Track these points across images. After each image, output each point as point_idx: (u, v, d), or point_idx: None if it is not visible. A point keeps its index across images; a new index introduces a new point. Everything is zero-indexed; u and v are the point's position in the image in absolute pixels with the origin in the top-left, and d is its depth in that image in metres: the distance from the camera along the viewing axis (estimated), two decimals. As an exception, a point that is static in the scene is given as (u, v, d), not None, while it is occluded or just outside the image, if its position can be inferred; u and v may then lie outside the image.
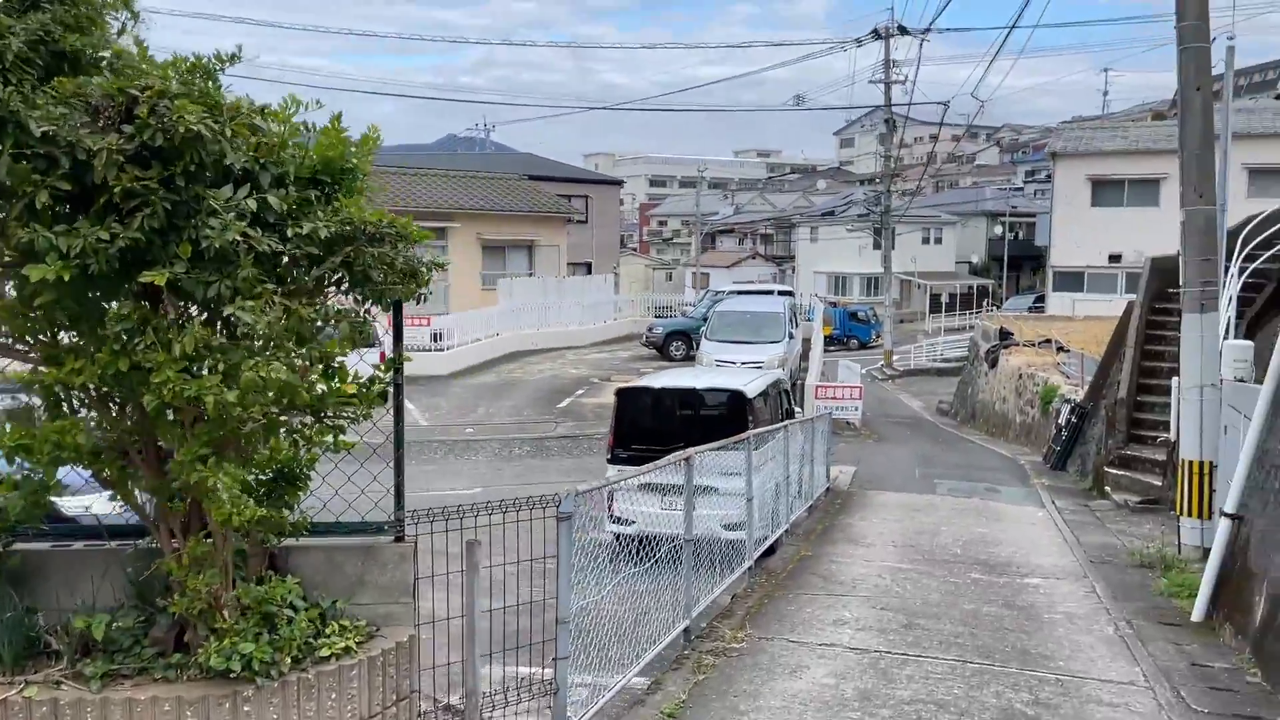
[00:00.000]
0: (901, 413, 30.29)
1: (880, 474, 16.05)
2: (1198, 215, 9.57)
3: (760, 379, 11.96)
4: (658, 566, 7.03)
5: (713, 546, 8.43)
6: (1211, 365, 9.64)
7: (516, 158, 45.78)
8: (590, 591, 4.92)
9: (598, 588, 5.02)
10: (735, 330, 22.24)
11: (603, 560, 5.19)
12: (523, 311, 30.32)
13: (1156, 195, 33.22)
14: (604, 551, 8.38)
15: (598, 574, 5.06)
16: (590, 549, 5.08)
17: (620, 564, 5.68)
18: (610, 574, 5.29)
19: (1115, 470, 13.87)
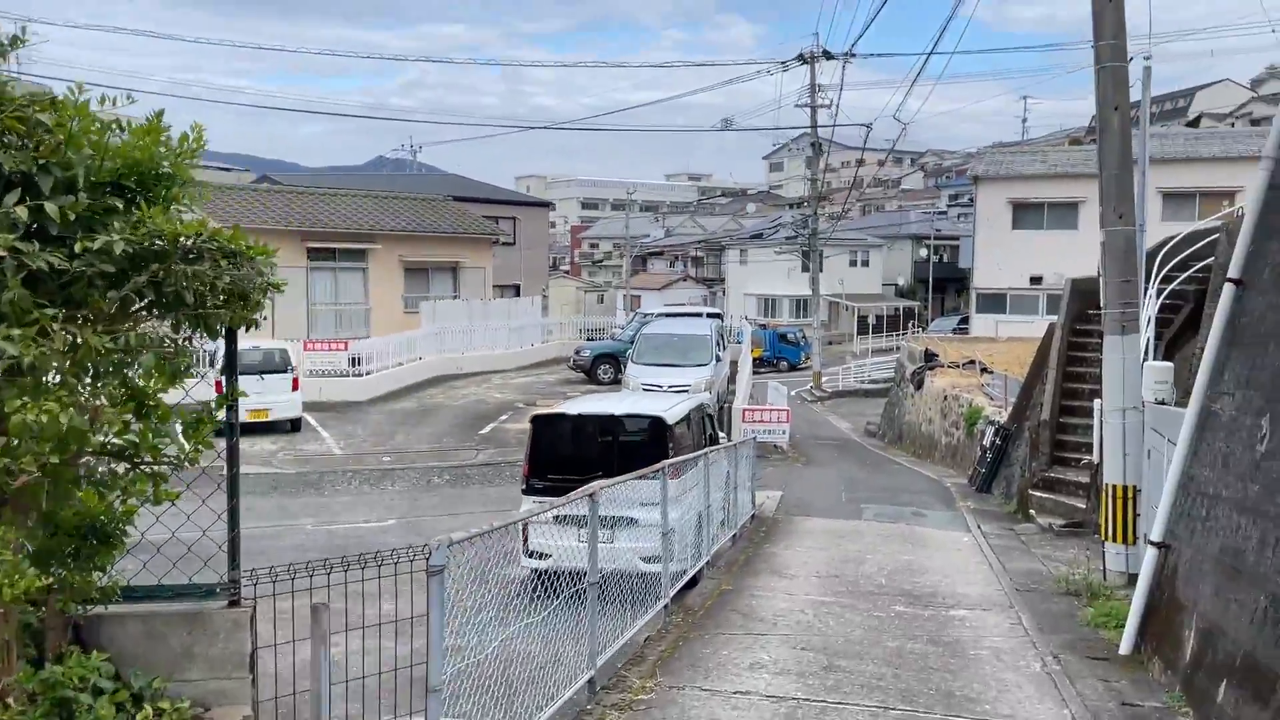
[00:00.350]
0: (830, 434, 30.23)
1: (807, 499, 15.77)
2: (1118, 236, 9.47)
3: (682, 404, 11.57)
4: (573, 604, 6.56)
5: (628, 583, 7.96)
6: (1134, 388, 9.52)
7: (443, 179, 45.06)
8: (471, 650, 4.41)
9: (480, 644, 4.51)
10: (662, 353, 21.90)
11: (488, 616, 4.67)
12: (446, 335, 29.62)
13: (1075, 218, 33.88)
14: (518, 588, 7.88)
15: (479, 631, 4.55)
16: (477, 600, 4.58)
17: (514, 614, 5.17)
18: (497, 626, 4.78)
19: (1039, 493, 13.77)
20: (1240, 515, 5.70)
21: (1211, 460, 6.46)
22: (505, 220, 42.83)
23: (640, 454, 10.17)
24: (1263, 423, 5.68)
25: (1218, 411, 6.57)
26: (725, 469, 12.37)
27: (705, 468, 11.05)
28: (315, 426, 21.57)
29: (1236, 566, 5.56)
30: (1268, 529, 5.25)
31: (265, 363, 20.70)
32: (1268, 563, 5.14)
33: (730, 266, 69.61)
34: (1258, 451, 5.66)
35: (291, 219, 28.39)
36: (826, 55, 39.63)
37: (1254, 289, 6.47)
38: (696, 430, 12.22)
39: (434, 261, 31.38)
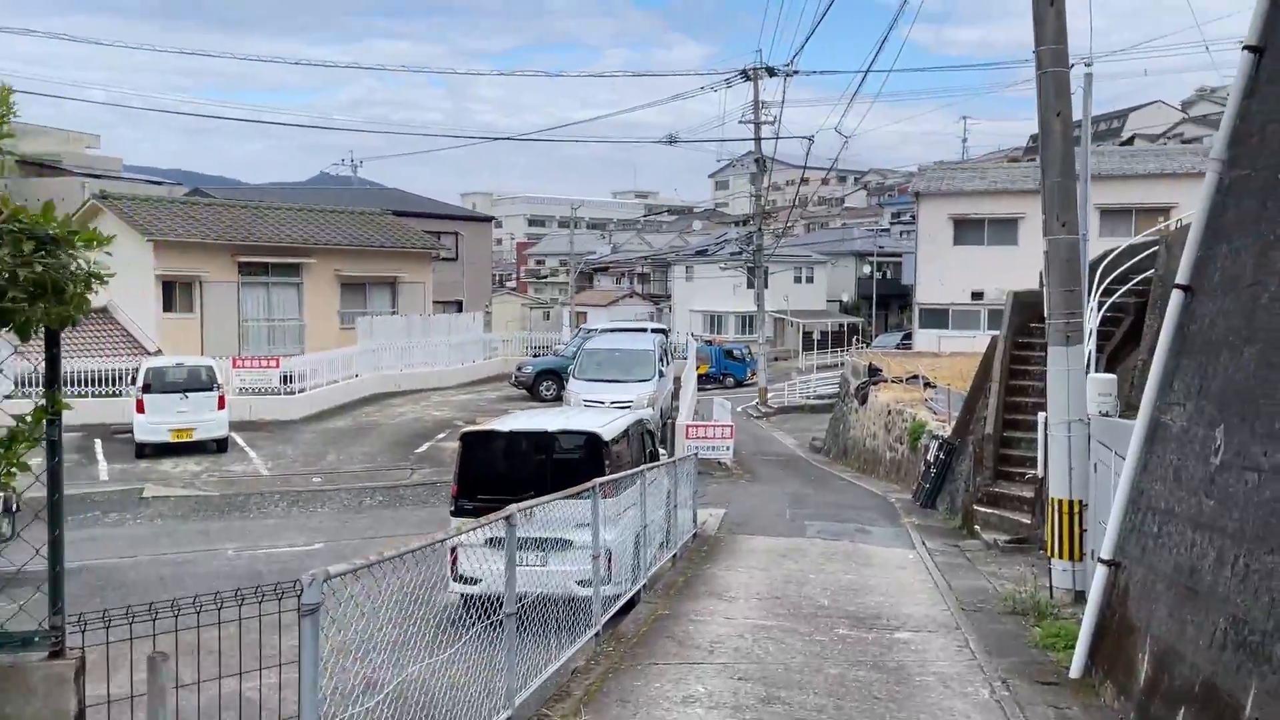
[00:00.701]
0: (776, 450, 30.00)
1: (751, 516, 15.41)
2: (1060, 245, 9.26)
3: (620, 420, 11.14)
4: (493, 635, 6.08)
5: (558, 609, 7.51)
6: (1079, 400, 9.30)
7: (383, 193, 44.27)
8: (358, 698, 3.90)
9: (370, 689, 4.00)
10: (604, 369, 21.48)
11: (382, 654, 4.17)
12: (384, 351, 28.89)
13: (1015, 234, 34.20)
14: (449, 614, 7.36)
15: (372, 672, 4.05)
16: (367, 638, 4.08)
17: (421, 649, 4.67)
18: (393, 666, 4.28)
19: (984, 508, 13.56)
20: (1195, 532, 5.41)
21: (1163, 474, 6.18)
22: (447, 236, 42.16)
23: (576, 472, 9.73)
24: (1216, 434, 5.40)
25: (1168, 423, 6.31)
26: (665, 487, 11.96)
27: (643, 486, 10.62)
28: (243, 446, 20.75)
29: (1192, 586, 5.27)
30: (1225, 546, 4.95)
31: (190, 380, 19.91)
32: (1226, 582, 4.84)
33: (676, 283, 69.54)
34: (1212, 464, 5.38)
35: (222, 232, 27.52)
36: (769, 72, 39.81)
37: (1203, 295, 6.23)
38: (636, 447, 11.81)
39: (372, 276, 30.65)
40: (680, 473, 13.29)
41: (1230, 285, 5.81)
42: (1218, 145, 6.42)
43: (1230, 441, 5.20)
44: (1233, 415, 5.26)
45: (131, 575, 12.78)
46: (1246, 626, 4.53)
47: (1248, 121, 6.17)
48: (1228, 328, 5.67)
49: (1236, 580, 4.75)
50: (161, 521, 16.34)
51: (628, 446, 11.17)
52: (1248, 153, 6.05)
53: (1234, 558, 4.83)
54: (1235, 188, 6.13)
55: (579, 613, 8.23)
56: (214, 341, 26.91)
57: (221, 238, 27.36)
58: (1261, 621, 4.40)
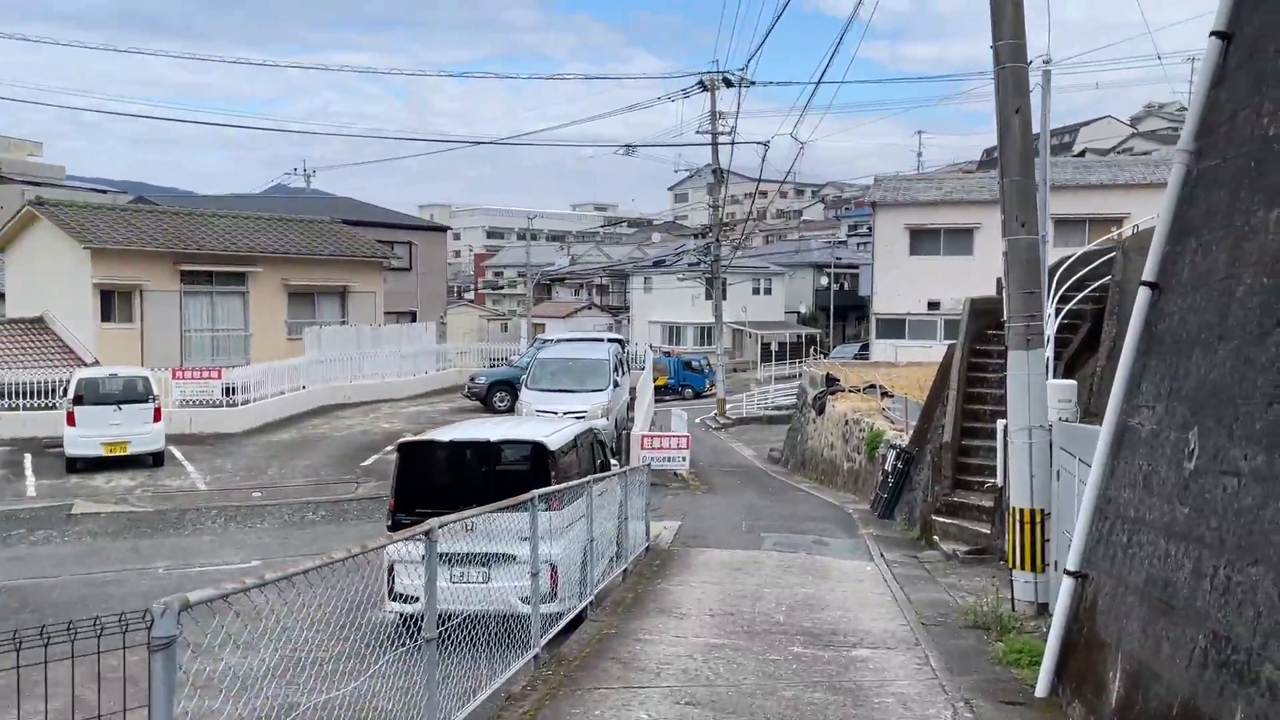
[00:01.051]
0: (733, 461, 29.69)
1: (706, 528, 15.01)
2: (1020, 246, 8.98)
3: (567, 429, 10.68)
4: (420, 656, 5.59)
5: (498, 629, 7.06)
6: (1040, 406, 9.01)
7: (335, 202, 43.49)
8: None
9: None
10: (558, 378, 20.99)
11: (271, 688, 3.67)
12: (333, 362, 28.17)
13: (971, 244, 34.27)
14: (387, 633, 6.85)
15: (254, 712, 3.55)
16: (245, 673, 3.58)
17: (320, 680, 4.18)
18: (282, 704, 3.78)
19: (943, 518, 13.27)
20: (1168, 542, 5.07)
21: (1131, 480, 5.86)
22: (401, 245, 41.48)
23: (520, 483, 9.26)
24: (1189, 437, 5.08)
25: (1136, 427, 5.99)
26: (616, 499, 11.52)
27: (591, 498, 10.18)
28: (181, 460, 19.97)
29: (1167, 600, 4.92)
30: (1203, 557, 4.61)
31: (125, 392, 19.12)
32: (1205, 596, 4.50)
33: (635, 294, 69.24)
34: (1185, 470, 5.05)
35: (164, 240, 26.68)
36: (726, 82, 39.73)
37: (1172, 292, 5.93)
38: (585, 457, 11.36)
39: (321, 286, 29.90)
40: (632, 484, 12.85)
41: (1201, 281, 5.51)
42: (1185, 136, 6.14)
43: (1205, 445, 4.87)
44: (1207, 417, 4.94)
45: (54, 595, 12.10)
46: (1230, 644, 4.18)
47: (1216, 111, 5.90)
48: (1200, 325, 5.36)
49: (1217, 594, 4.40)
50: (91, 539, 15.59)
51: (576, 457, 10.71)
52: (1217, 143, 5.76)
53: (1213, 569, 4.49)
54: (1204, 179, 5.84)
55: (521, 632, 7.78)
56: (155, 352, 26.04)
57: (163, 245, 26.52)
58: (1246, 639, 4.06)
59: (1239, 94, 5.59)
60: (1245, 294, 4.83)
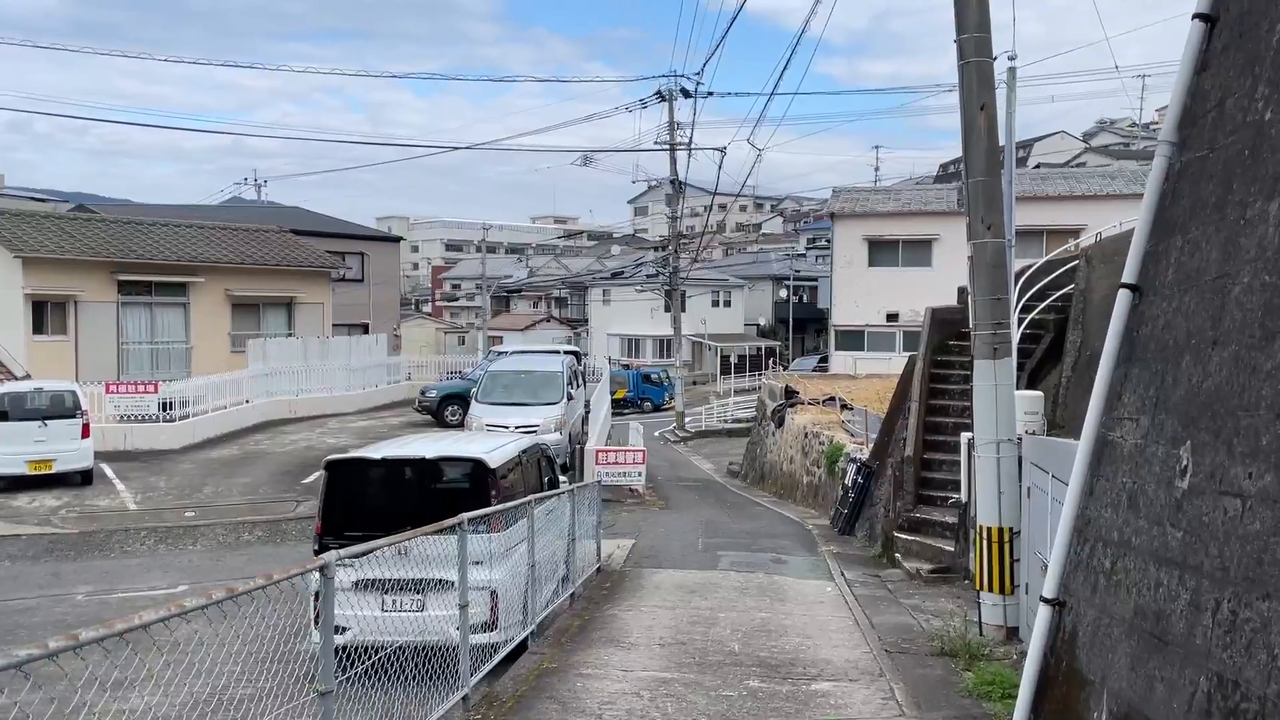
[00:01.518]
0: (692, 475, 29.16)
1: (661, 547, 14.41)
2: (986, 249, 8.52)
3: (510, 445, 10.05)
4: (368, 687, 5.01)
5: (433, 662, 6.45)
6: (1008, 418, 8.54)
7: (284, 212, 42.49)
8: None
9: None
10: (510, 391, 20.32)
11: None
12: (278, 375, 27.25)
13: (929, 256, 34.12)
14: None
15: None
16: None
17: None
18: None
19: (905, 535, 12.79)
20: (1160, 569, 4.57)
21: (1114, 499, 5.36)
22: (353, 256, 40.56)
23: (459, 503, 8.62)
24: (1181, 453, 4.59)
25: (1118, 441, 5.50)
26: (565, 518, 10.91)
27: (532, 518, 9.56)
28: (111, 478, 19.00)
29: (1160, 635, 4.41)
30: (1202, 588, 4.11)
31: (51, 407, 18.16)
32: (1206, 633, 3.99)
33: (593, 306, 68.68)
34: (1177, 489, 4.55)
35: (100, 249, 25.65)
36: (684, 93, 39.42)
37: (1156, 295, 5.46)
38: (531, 474, 10.73)
39: (266, 296, 28.97)
40: (583, 501, 12.24)
41: (1189, 281, 5.04)
42: (1166, 127, 5.68)
43: (1200, 462, 4.38)
44: (1202, 431, 4.44)
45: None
46: (1239, 690, 3.67)
47: (1200, 98, 5.44)
48: (1189, 330, 4.88)
49: (1220, 631, 3.89)
50: (9, 563, 14.65)
51: (521, 475, 10.09)
52: (1203, 132, 5.31)
53: (1215, 603, 3.98)
54: (1190, 172, 5.38)
55: (453, 667, 7.17)
56: (91, 365, 24.99)
57: (100, 254, 25.49)
58: (1259, 685, 3.54)
59: (1228, 78, 5.13)
60: (1243, 294, 4.35)
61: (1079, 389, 12.00)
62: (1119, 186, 32.61)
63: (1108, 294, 13.29)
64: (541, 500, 10.26)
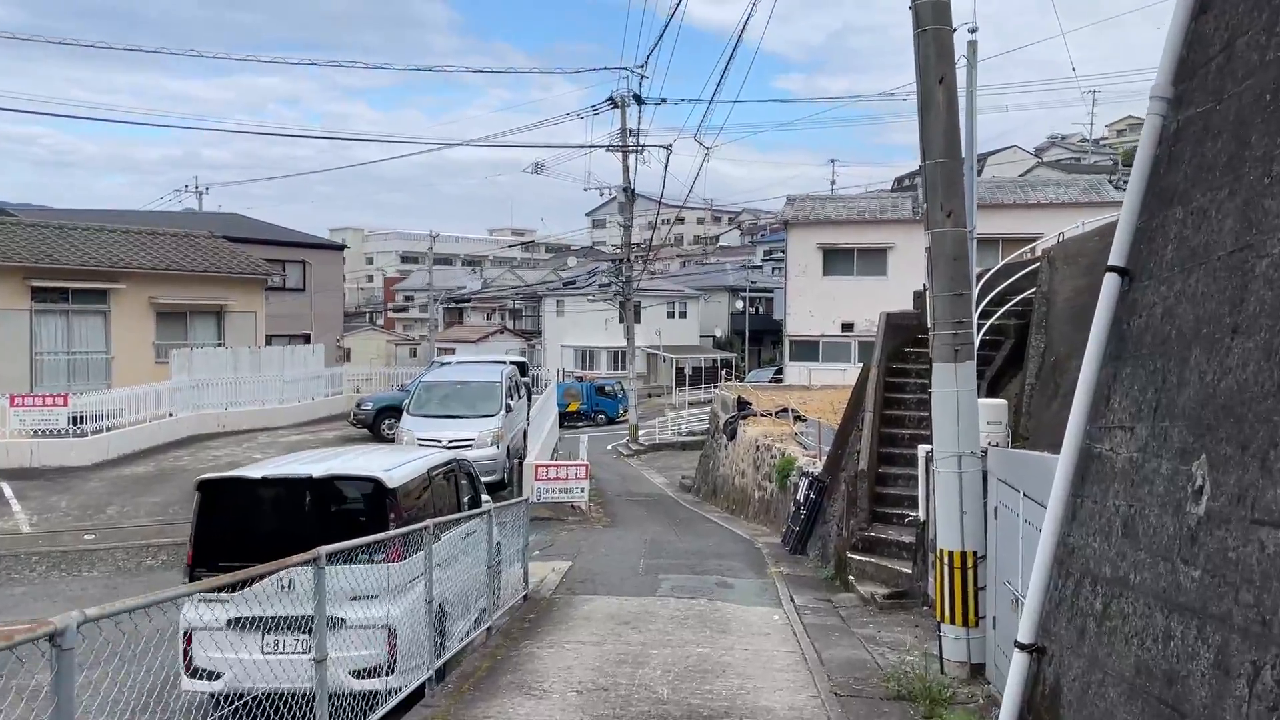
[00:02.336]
0: (643, 490, 28.14)
1: (599, 569, 13.35)
2: (946, 239, 7.62)
3: (418, 461, 8.96)
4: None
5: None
6: (971, 428, 7.63)
7: (219, 218, 40.97)
8: None
9: None
10: (445, 403, 19.16)
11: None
12: (206, 387, 25.78)
13: (885, 265, 33.49)
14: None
15: None
16: None
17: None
18: None
19: (859, 556, 11.85)
20: (1170, 617, 3.63)
21: (1104, 525, 4.43)
22: (293, 264, 39.18)
23: (352, 527, 7.56)
24: (1193, 470, 3.66)
25: (1107, 454, 4.58)
26: (487, 541, 9.83)
27: (448, 542, 8.49)
28: (9, 497, 17.53)
29: (1174, 705, 3.47)
30: (1231, 646, 3.17)
31: (-60, 421, 16.68)
32: (1238, 707, 3.04)
33: (547, 317, 67.56)
34: (1190, 515, 3.62)
35: (12, 253, 24.05)
36: (637, 99, 38.61)
37: (1152, 278, 4.54)
38: (446, 493, 9.65)
39: (194, 305, 27.49)
40: (507, 522, 11.18)
41: (1195, 259, 4.12)
42: (1159, 81, 4.79)
43: (1222, 481, 3.44)
44: (1222, 441, 3.51)
45: None
46: (1296, 794, 2.72)
47: (1201, 44, 4.55)
48: (1198, 317, 3.96)
49: (1263, 707, 2.94)
50: (-121, 594, 13.25)
51: (432, 494, 9.00)
52: (1207, 82, 4.41)
53: (1251, 668, 3.03)
54: (1191, 131, 4.48)
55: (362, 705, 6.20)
56: (1, 378, 23.38)
57: (11, 259, 23.89)
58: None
59: (1236, 16, 4.24)
60: (1273, 268, 3.44)
61: (1044, 397, 11.17)
62: (1074, 195, 32.24)
63: (1072, 296, 12.51)
64: (458, 523, 9.18)
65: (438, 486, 9.38)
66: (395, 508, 7.88)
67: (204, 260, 27.95)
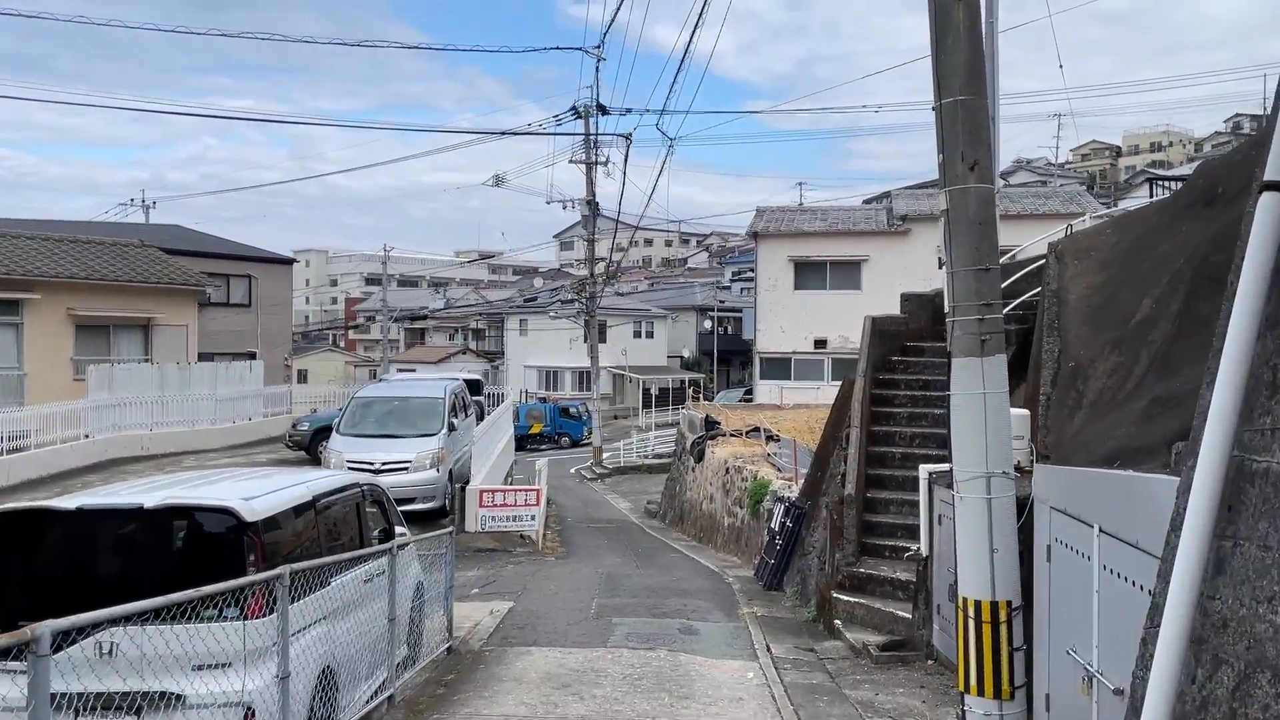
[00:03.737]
0: (605, 516, 26.32)
1: (544, 612, 11.49)
2: (969, 199, 5.94)
3: (299, 487, 7.11)
4: None
5: None
6: (1002, 442, 5.93)
7: (159, 229, 38.84)
8: None
9: None
10: (380, 421, 17.25)
11: None
12: (128, 406, 23.65)
13: (859, 278, 31.99)
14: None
15: None
16: None
17: None
18: None
19: (847, 596, 10.09)
20: None
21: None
22: (238, 278, 37.09)
23: (198, 573, 5.70)
24: None
25: (1275, 469, 2.86)
26: (398, 584, 7.98)
27: (340, 588, 6.69)
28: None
29: None
30: None
31: None
32: None
33: (510, 336, 65.69)
34: None
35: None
36: (601, 110, 37.11)
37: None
38: (345, 525, 7.80)
39: (118, 317, 25.39)
40: (429, 558, 9.34)
41: None
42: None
43: None
44: None
45: None
46: None
47: None
48: None
49: None
50: None
51: (320, 528, 7.15)
52: None
53: None
54: None
55: None
56: (-104, 396, 21.20)
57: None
58: None
59: None
60: None
61: (1064, 408, 9.50)
62: (1055, 206, 30.96)
63: (1087, 294, 10.91)
64: (349, 564, 7.33)
65: (333, 517, 7.54)
66: (257, 547, 6.03)
67: (130, 270, 25.88)
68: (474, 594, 12.68)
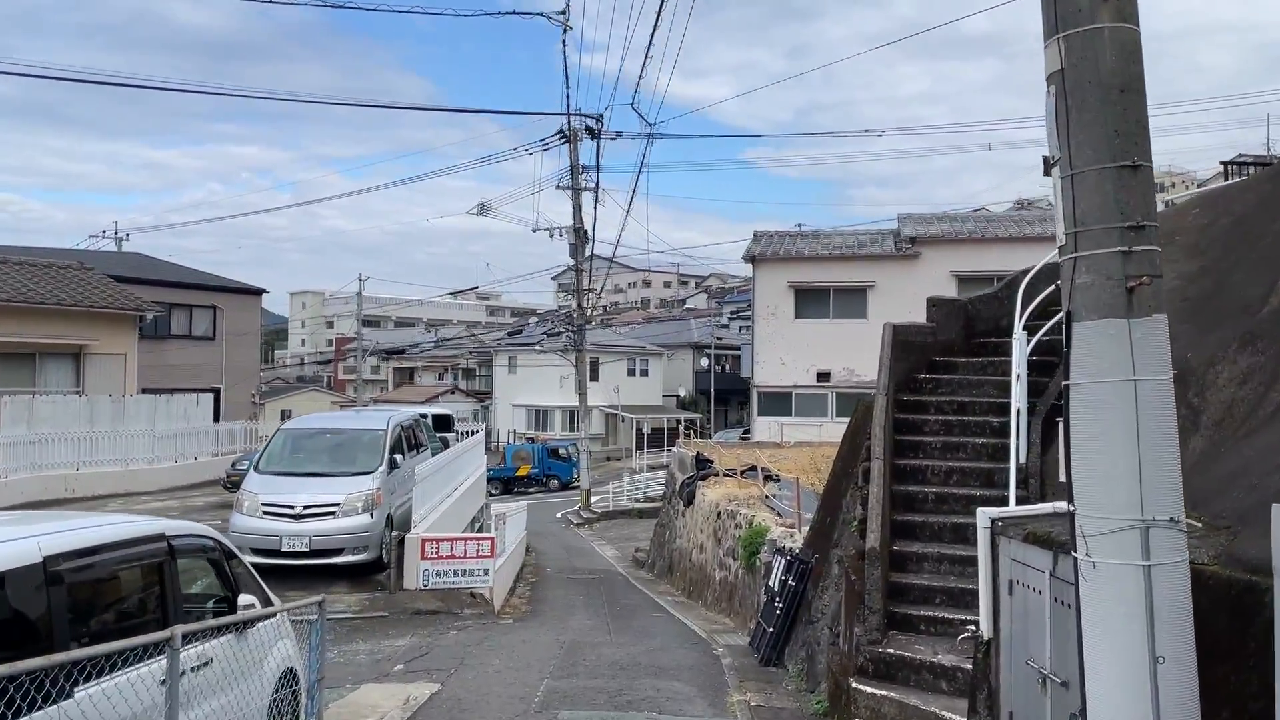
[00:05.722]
0: (589, 566, 23.66)
1: (475, 701, 8.86)
2: (1098, 45, 3.45)
3: (66, 534, 4.56)
4: None
5: None
6: (1167, 465, 3.39)
7: (117, 257, 36.54)
8: None
9: None
10: (310, 457, 14.67)
11: None
12: (51, 443, 21.11)
13: (864, 306, 29.59)
14: None
15: None
16: None
17: None
18: None
19: (871, 687, 7.46)
20: None
21: None
22: (202, 309, 34.77)
23: None
24: None
25: None
26: (212, 684, 5.41)
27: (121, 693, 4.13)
28: None
29: None
30: None
31: None
32: None
33: (499, 374, 63.13)
34: None
35: None
36: (590, 134, 35.10)
37: None
38: (143, 597, 5.27)
39: (44, 344, 22.88)
40: (289, 635, 6.77)
41: None
42: None
43: None
44: None
45: None
46: None
47: None
48: None
49: None
50: None
51: (91, 600, 4.61)
52: None
53: None
54: None
55: None
56: None
57: None
58: None
59: None
60: None
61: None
62: (1076, 227, 28.70)
63: (1180, 286, 8.46)
64: (128, 657, 4.77)
65: (118, 584, 5.01)
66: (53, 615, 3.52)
67: (59, 292, 23.41)
68: (395, 671, 10.07)
